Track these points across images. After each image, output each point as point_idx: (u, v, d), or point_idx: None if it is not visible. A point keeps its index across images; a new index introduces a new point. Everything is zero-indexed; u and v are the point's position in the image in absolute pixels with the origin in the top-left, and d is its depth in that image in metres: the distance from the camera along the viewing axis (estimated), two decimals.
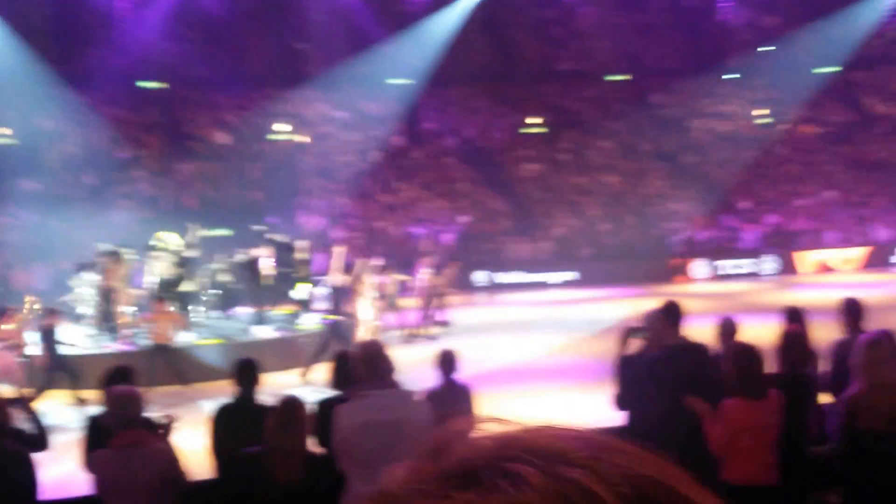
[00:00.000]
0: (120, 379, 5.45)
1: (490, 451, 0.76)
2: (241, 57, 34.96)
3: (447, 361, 6.55)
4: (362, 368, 4.58)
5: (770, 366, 5.48)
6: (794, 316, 7.14)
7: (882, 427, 4.79)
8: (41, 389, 12.38)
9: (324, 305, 14.88)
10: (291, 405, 4.61)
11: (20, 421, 5.43)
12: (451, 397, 6.40)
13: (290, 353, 14.75)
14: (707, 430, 5.10)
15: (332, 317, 14.17)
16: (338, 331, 14.00)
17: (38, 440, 5.43)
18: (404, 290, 18.56)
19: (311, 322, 15.91)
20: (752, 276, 27.73)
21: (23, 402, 5.93)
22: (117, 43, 33.76)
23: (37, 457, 4.97)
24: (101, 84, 31.83)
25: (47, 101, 31.29)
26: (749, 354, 5.12)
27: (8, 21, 30.83)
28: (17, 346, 12.71)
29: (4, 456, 4.46)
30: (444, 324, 18.36)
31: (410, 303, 18.53)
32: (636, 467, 0.75)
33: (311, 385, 12.64)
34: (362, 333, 14.13)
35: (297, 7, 35.20)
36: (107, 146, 30.59)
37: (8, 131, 30.02)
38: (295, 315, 16.42)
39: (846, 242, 29.24)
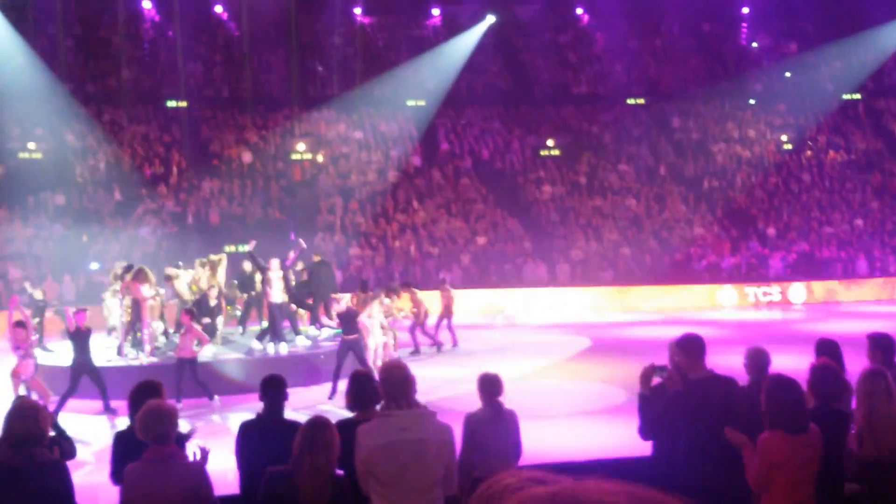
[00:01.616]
0: (148, 393, 5.37)
1: None
2: (262, 78, 35.74)
3: (491, 385, 6.43)
4: (384, 388, 4.57)
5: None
6: (827, 348, 6.77)
7: (887, 457, 4.83)
8: (65, 397, 12.70)
9: (336, 325, 14.97)
10: (318, 426, 4.59)
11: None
12: (497, 421, 6.33)
13: (311, 370, 15.02)
14: (746, 463, 4.96)
15: (347, 336, 14.11)
16: (349, 350, 13.98)
17: (65, 449, 5.45)
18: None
19: (327, 340, 16.16)
20: (780, 304, 27.11)
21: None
22: (144, 63, 34.68)
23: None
24: (127, 102, 32.68)
25: (75, 119, 32.11)
26: (788, 387, 4.92)
27: (38, 40, 31.65)
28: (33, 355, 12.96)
29: (42, 465, 4.41)
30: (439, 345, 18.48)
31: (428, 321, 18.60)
32: None
33: (333, 403, 12.98)
34: (373, 353, 14.28)
35: (317, 30, 35.95)
36: (133, 163, 31.32)
37: (37, 147, 30.71)
38: (313, 332, 16.65)
39: (877, 272, 28.63)
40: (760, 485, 4.88)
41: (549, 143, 34.99)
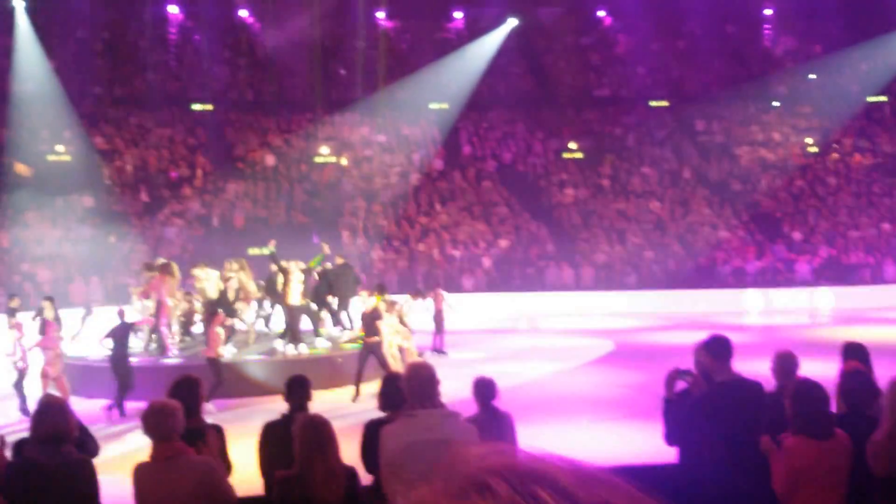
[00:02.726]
0: (184, 388, 5.35)
1: (483, 468, 0.83)
2: (286, 81, 36.00)
3: (485, 389, 6.38)
4: (410, 389, 4.58)
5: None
6: (856, 353, 6.62)
7: None
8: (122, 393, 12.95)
9: (357, 326, 15.03)
10: (317, 426, 4.54)
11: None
12: (492, 425, 6.23)
13: (333, 371, 15.04)
14: (772, 469, 4.88)
15: (370, 339, 14.14)
16: (370, 353, 14.01)
17: (90, 447, 5.46)
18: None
19: (349, 342, 16.21)
20: (806, 309, 26.71)
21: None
22: (170, 67, 35.05)
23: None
24: (154, 106, 33.06)
25: (103, 122, 32.54)
26: (813, 392, 4.80)
27: (67, 44, 32.08)
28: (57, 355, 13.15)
29: (69, 463, 4.41)
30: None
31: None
32: (613, 500, 0.78)
33: (360, 404, 13.00)
34: (392, 356, 14.25)
35: (340, 34, 36.17)
36: (159, 165, 31.67)
37: (65, 149, 31.12)
38: (335, 335, 16.69)
39: None
40: (786, 492, 4.76)
41: (572, 145, 34.97)
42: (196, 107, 33.88)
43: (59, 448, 4.33)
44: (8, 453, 5.10)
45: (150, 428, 4.50)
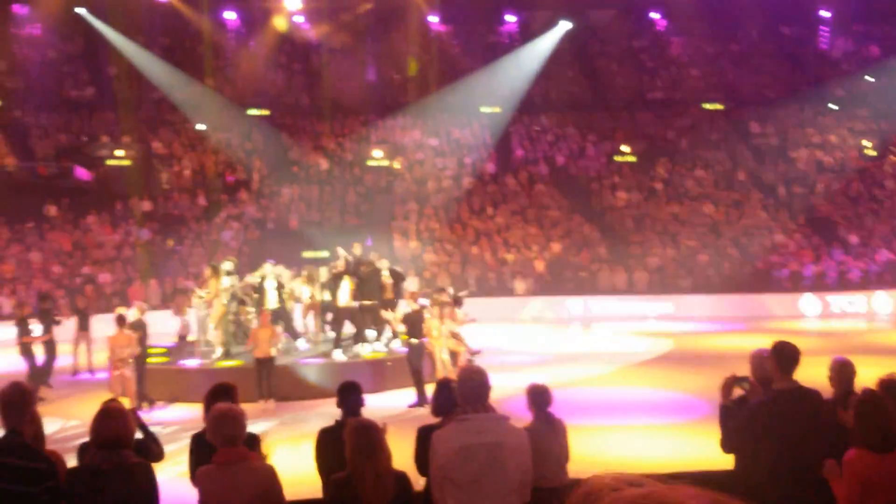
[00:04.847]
0: (222, 396, 5.40)
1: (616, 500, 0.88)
2: (340, 86, 36.35)
3: (540, 396, 6.44)
4: (462, 393, 4.60)
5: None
6: None
7: None
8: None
9: (402, 329, 15.01)
10: (367, 430, 4.54)
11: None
12: (548, 432, 6.31)
13: (382, 374, 15.14)
14: (833, 488, 4.78)
15: (412, 341, 14.25)
16: (415, 355, 14.11)
17: (154, 451, 5.54)
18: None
19: (395, 346, 16.28)
20: (864, 314, 26.34)
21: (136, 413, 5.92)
22: (227, 72, 35.67)
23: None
24: (211, 110, 33.66)
25: (161, 127, 33.24)
26: (877, 403, 4.70)
27: (126, 51, 32.82)
28: (128, 357, 13.48)
29: (129, 468, 4.45)
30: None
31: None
32: None
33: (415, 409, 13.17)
34: (442, 360, 14.29)
35: (393, 38, 36.44)
36: (216, 169, 32.23)
37: (125, 154, 31.85)
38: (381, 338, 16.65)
39: None
40: None
41: (625, 148, 34.78)
42: (252, 111, 34.41)
43: (118, 452, 4.41)
44: (72, 458, 5.22)
45: (215, 432, 4.56)
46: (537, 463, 6.12)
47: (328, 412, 11.83)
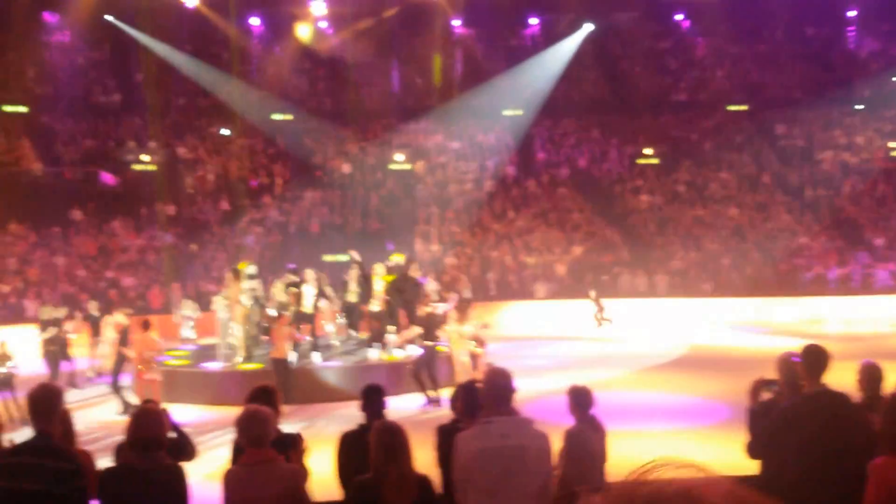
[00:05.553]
0: (262, 398, 5.37)
1: (654, 494, 0.93)
2: (363, 91, 36.47)
3: (582, 398, 6.42)
4: (486, 395, 4.61)
5: None
6: None
7: None
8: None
9: (421, 332, 14.97)
10: (393, 433, 4.56)
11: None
12: (594, 435, 6.30)
13: (399, 377, 15.05)
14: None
15: (426, 342, 14.27)
16: (430, 357, 14.12)
17: (188, 450, 5.60)
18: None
19: (414, 348, 16.19)
20: (889, 317, 25.84)
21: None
22: (251, 77, 35.88)
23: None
24: (235, 115, 33.87)
25: (186, 132, 33.48)
26: None
27: (151, 55, 33.10)
28: (153, 358, 13.68)
29: (163, 469, 4.50)
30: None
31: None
32: None
33: (438, 411, 13.03)
34: (461, 363, 14.27)
35: (416, 42, 36.52)
36: (239, 174, 32.43)
37: (150, 158, 32.12)
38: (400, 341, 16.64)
39: None
40: None
41: (648, 151, 34.61)
42: (276, 116, 34.58)
43: (151, 453, 4.48)
44: (107, 458, 5.32)
45: (244, 433, 4.61)
46: (581, 465, 6.08)
47: (343, 415, 11.99)
